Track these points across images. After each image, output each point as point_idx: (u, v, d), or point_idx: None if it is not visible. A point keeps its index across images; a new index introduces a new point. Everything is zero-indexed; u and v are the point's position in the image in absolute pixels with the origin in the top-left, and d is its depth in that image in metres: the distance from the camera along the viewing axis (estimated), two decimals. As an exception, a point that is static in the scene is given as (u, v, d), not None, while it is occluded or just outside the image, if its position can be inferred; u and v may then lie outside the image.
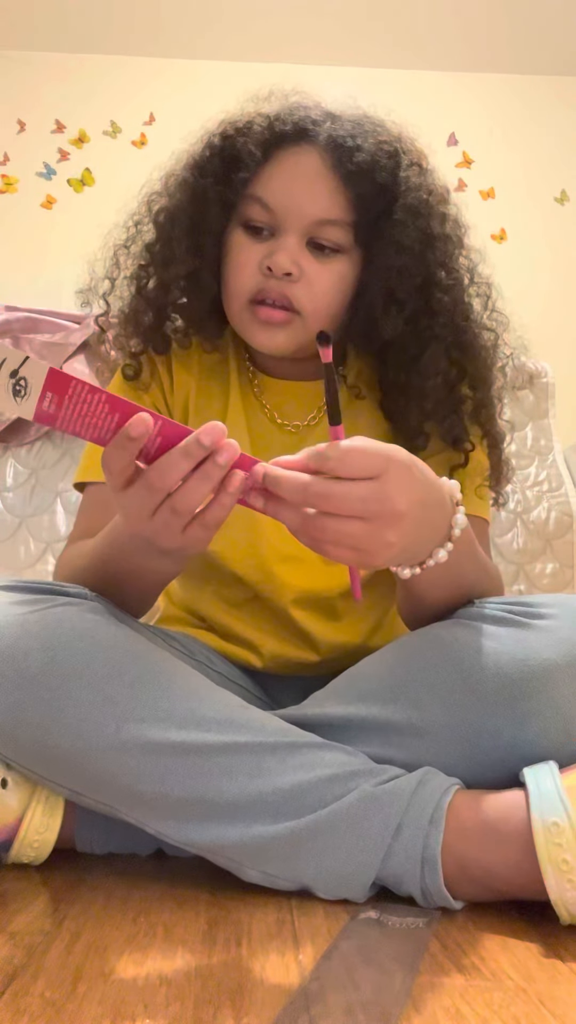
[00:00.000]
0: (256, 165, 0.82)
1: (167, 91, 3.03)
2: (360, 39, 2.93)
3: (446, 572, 0.69)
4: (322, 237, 0.81)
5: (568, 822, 0.58)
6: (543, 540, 1.63)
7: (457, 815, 0.62)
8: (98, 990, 0.49)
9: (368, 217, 0.82)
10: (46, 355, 1.71)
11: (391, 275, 0.82)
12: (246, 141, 0.82)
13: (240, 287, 0.83)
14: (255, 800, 0.63)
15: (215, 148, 0.85)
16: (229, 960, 0.53)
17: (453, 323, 0.84)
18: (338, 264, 0.83)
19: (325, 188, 0.81)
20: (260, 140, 0.82)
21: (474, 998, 0.49)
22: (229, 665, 0.93)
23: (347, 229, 0.82)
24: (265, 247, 0.82)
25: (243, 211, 0.83)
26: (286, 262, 0.80)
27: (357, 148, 0.81)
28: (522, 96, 3.12)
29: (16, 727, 0.65)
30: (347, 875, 0.63)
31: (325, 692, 0.77)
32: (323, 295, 0.82)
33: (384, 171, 0.81)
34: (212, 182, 0.84)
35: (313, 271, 0.81)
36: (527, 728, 0.65)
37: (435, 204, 0.84)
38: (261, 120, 0.83)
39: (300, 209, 0.81)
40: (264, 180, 0.82)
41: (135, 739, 0.64)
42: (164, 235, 0.87)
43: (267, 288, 0.81)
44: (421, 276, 0.83)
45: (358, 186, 0.81)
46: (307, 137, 0.82)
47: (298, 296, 0.81)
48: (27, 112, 3.07)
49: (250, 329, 0.84)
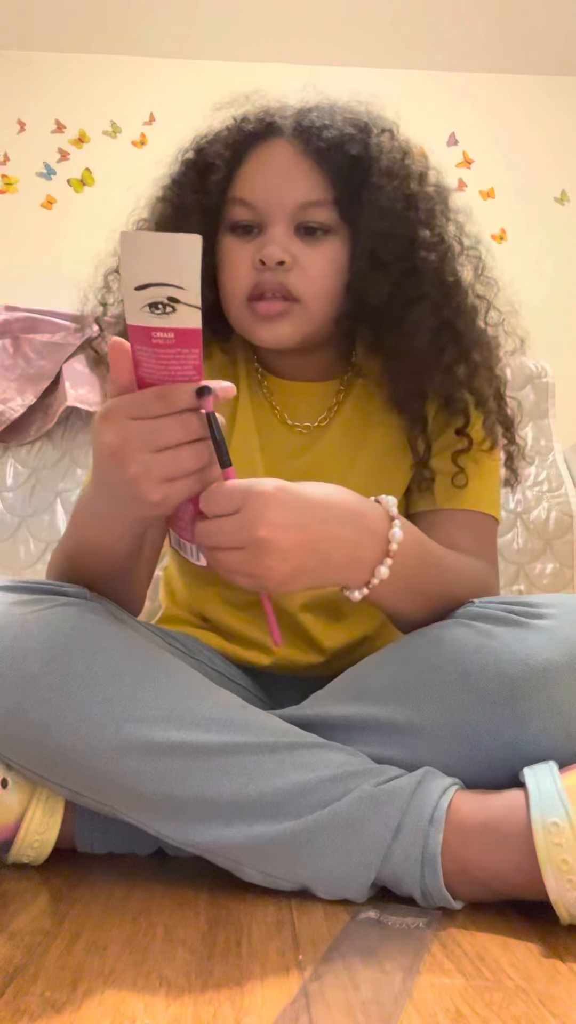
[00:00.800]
0: (230, 168, 0.83)
1: (167, 91, 3.03)
2: (360, 39, 2.93)
3: (404, 585, 0.70)
4: (308, 220, 0.82)
5: (568, 822, 0.58)
6: (543, 540, 1.63)
7: (457, 815, 0.62)
8: (98, 990, 0.49)
9: (348, 191, 0.82)
10: (46, 355, 1.71)
11: (375, 240, 0.82)
12: (217, 147, 0.84)
13: (236, 287, 0.83)
14: (255, 800, 0.63)
15: (189, 162, 0.86)
16: (229, 960, 0.53)
17: (441, 281, 0.84)
18: (329, 245, 0.83)
19: (301, 171, 0.82)
20: (230, 143, 0.84)
21: (474, 998, 0.49)
22: (230, 665, 0.93)
23: (331, 208, 0.82)
24: (255, 244, 0.82)
25: (228, 215, 0.84)
26: (277, 251, 0.80)
27: (324, 127, 0.81)
28: (522, 96, 3.12)
29: (16, 727, 0.65)
30: (347, 875, 0.63)
31: (325, 692, 0.77)
32: (319, 279, 0.82)
33: (355, 142, 0.82)
34: (191, 194, 0.85)
35: (305, 256, 0.82)
36: (527, 728, 0.65)
37: (411, 165, 0.84)
38: (228, 125, 0.85)
39: (281, 198, 0.81)
40: (242, 180, 0.83)
41: (135, 739, 0.64)
42: None
43: (263, 282, 0.82)
44: (405, 237, 0.82)
45: (332, 162, 0.81)
46: (274, 130, 0.83)
47: (294, 283, 0.81)
48: (27, 112, 3.07)
49: (252, 326, 0.84)
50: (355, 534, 0.67)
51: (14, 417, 1.68)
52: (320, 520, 0.64)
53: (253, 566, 0.62)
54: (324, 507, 0.65)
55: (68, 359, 1.70)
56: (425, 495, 0.88)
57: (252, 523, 0.61)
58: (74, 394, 1.66)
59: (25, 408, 1.68)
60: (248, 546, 0.61)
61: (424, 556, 0.73)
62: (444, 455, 0.88)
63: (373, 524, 0.67)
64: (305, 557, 0.64)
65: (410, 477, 0.90)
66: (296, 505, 0.63)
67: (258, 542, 0.61)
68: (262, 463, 0.89)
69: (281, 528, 0.62)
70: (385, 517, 0.69)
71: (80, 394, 1.67)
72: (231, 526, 0.61)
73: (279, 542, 0.62)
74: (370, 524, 0.67)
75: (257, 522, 0.61)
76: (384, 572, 0.68)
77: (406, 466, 0.89)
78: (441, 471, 0.88)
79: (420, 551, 0.72)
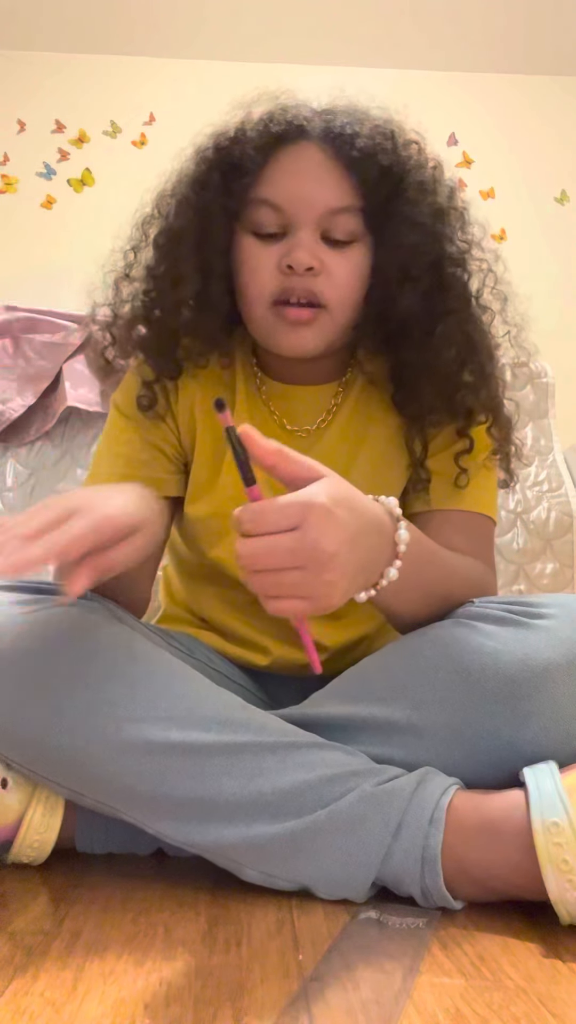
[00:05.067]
0: (257, 169, 0.82)
1: (167, 91, 3.03)
2: (361, 39, 2.93)
3: (406, 586, 0.69)
4: (335, 227, 0.81)
5: (568, 822, 0.58)
6: (543, 540, 1.63)
7: (457, 815, 0.62)
8: (98, 990, 0.49)
9: (376, 201, 0.81)
10: (46, 355, 1.71)
11: (405, 253, 0.81)
12: (243, 147, 0.82)
13: (260, 291, 0.82)
14: (255, 800, 0.63)
15: (211, 161, 0.84)
16: (229, 960, 0.53)
17: (465, 296, 0.84)
18: (354, 252, 0.82)
19: (331, 178, 0.81)
20: (257, 144, 0.82)
21: (474, 998, 0.49)
22: (229, 665, 0.93)
23: (358, 216, 0.81)
24: (280, 248, 0.81)
25: (250, 217, 0.82)
26: (306, 257, 0.79)
27: (355, 135, 0.81)
28: (522, 96, 3.12)
29: (16, 727, 0.65)
30: (347, 875, 0.63)
31: (325, 692, 0.77)
32: (345, 285, 0.82)
33: (386, 153, 0.81)
34: (214, 195, 0.83)
35: (333, 263, 0.81)
36: (527, 728, 0.65)
37: (440, 178, 0.84)
38: (254, 124, 0.83)
39: (310, 203, 0.80)
40: (268, 182, 0.81)
41: (135, 739, 0.64)
42: (167, 256, 0.86)
43: (290, 287, 0.80)
44: (434, 252, 0.83)
45: (363, 171, 0.80)
46: (304, 133, 0.82)
47: (322, 289, 0.81)
48: (27, 112, 3.07)
49: (277, 332, 0.83)
50: (378, 539, 0.65)
51: (14, 417, 1.68)
52: (361, 529, 0.62)
53: (313, 586, 0.58)
54: (361, 514, 0.62)
55: (68, 359, 1.70)
56: (421, 495, 0.88)
57: (318, 538, 0.56)
58: (74, 394, 1.66)
59: (25, 408, 1.68)
60: (311, 563, 0.57)
61: (425, 556, 0.73)
62: (441, 455, 0.87)
63: (384, 526, 0.66)
64: (355, 566, 0.61)
65: (407, 477, 0.90)
66: (349, 512, 0.60)
67: (325, 557, 0.57)
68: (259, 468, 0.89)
69: (346, 540, 0.58)
70: (390, 518, 0.68)
71: (80, 394, 1.67)
72: (291, 544, 0.56)
73: (343, 556, 0.58)
74: (382, 526, 0.66)
75: (323, 537, 0.57)
76: (393, 574, 0.67)
77: (403, 466, 0.89)
78: (438, 471, 0.87)
79: (421, 551, 0.72)
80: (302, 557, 0.57)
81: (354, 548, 0.60)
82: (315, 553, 0.56)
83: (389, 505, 0.68)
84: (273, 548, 0.56)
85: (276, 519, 0.57)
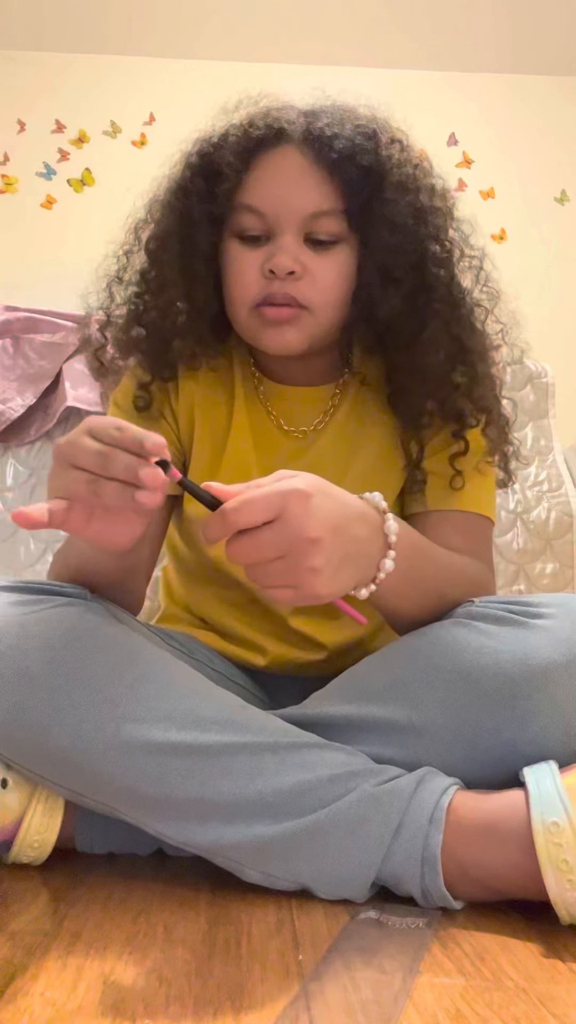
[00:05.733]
0: (238, 175, 0.82)
1: (167, 91, 3.03)
2: (360, 39, 2.93)
3: (403, 581, 0.70)
4: (318, 230, 0.81)
5: (568, 822, 0.58)
6: (543, 540, 1.63)
7: (457, 815, 0.62)
8: (98, 990, 0.49)
9: (358, 202, 0.82)
10: (46, 355, 1.71)
11: (386, 254, 0.81)
12: (224, 153, 0.83)
13: (244, 295, 0.83)
14: (255, 800, 0.63)
15: (195, 167, 0.85)
16: (229, 960, 0.53)
17: (450, 296, 0.84)
18: (338, 254, 0.82)
19: (312, 181, 0.81)
20: (238, 149, 0.82)
21: (474, 998, 0.49)
22: (229, 664, 0.93)
23: (340, 217, 0.82)
24: (263, 252, 0.82)
25: (234, 222, 0.83)
26: (287, 261, 0.80)
27: (335, 136, 0.81)
28: (522, 96, 3.12)
29: (16, 728, 0.65)
30: (347, 875, 0.63)
31: (325, 692, 0.77)
32: (328, 288, 0.82)
33: (366, 153, 0.81)
34: (197, 200, 0.84)
35: (315, 265, 0.81)
36: (527, 727, 0.65)
37: (421, 177, 0.84)
38: (235, 130, 0.83)
39: (291, 207, 0.81)
40: (250, 187, 0.82)
41: (135, 739, 0.64)
42: (156, 261, 0.87)
43: (272, 291, 0.81)
44: (416, 252, 0.82)
45: (343, 173, 0.81)
46: (284, 136, 0.82)
47: (304, 292, 0.81)
48: (27, 112, 3.07)
49: (259, 332, 0.83)
50: (367, 530, 0.66)
51: (14, 417, 1.68)
52: (346, 517, 0.63)
53: (297, 574, 0.59)
54: (343, 503, 0.64)
55: (68, 359, 1.70)
56: (417, 496, 0.88)
57: (299, 527, 0.58)
58: (74, 394, 1.66)
59: (25, 408, 1.68)
60: (291, 552, 0.58)
61: (419, 552, 0.73)
62: (437, 457, 0.87)
63: (369, 517, 0.67)
64: (342, 557, 0.62)
65: (404, 479, 0.90)
66: (330, 502, 0.61)
67: (304, 545, 0.58)
68: (257, 467, 0.89)
69: (325, 527, 0.59)
70: (377, 512, 0.68)
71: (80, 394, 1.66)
72: (272, 536, 0.58)
73: (325, 542, 0.59)
74: (367, 516, 0.66)
75: (304, 525, 0.58)
76: (389, 565, 0.67)
77: (400, 468, 0.89)
78: (434, 472, 0.87)
79: (415, 546, 0.72)
80: (285, 545, 0.58)
81: (337, 535, 0.61)
82: (297, 540, 0.58)
83: (374, 500, 0.68)
84: (257, 539, 0.58)
85: (258, 511, 0.58)
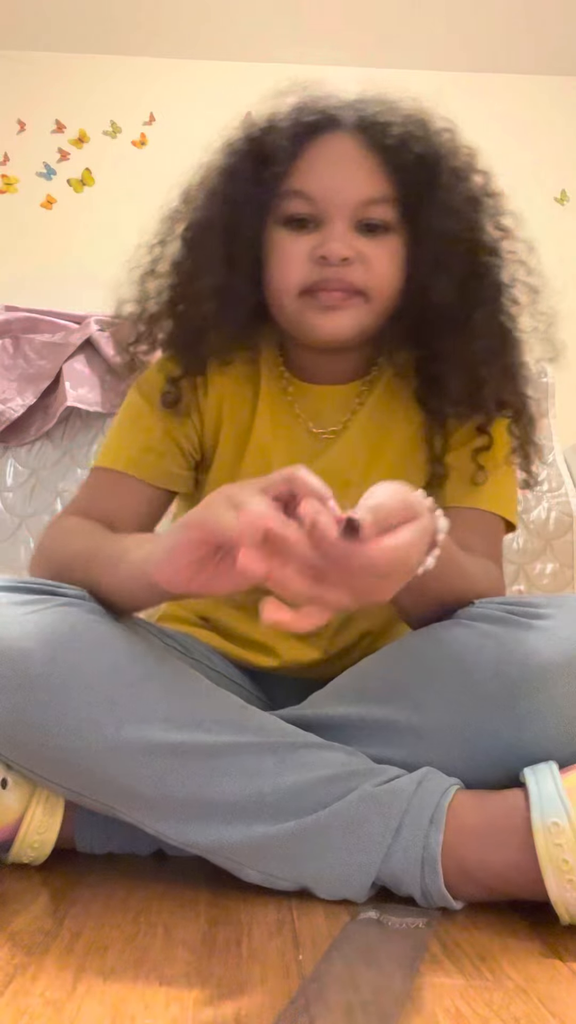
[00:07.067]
0: (289, 160, 0.80)
1: (167, 91, 3.03)
2: (360, 39, 2.93)
3: (433, 579, 0.66)
4: (370, 217, 0.80)
5: (568, 822, 0.58)
6: (543, 540, 1.63)
7: (457, 815, 0.62)
8: (98, 990, 0.49)
9: (411, 189, 0.81)
10: (46, 355, 1.71)
11: (440, 241, 0.81)
12: (275, 138, 0.81)
13: (291, 281, 0.81)
14: (255, 800, 0.63)
15: (242, 152, 0.83)
16: (229, 960, 0.53)
17: (499, 285, 0.84)
18: (390, 242, 0.82)
19: (366, 168, 0.80)
20: (290, 134, 0.81)
21: (474, 998, 0.49)
22: (229, 665, 0.93)
23: (392, 205, 0.81)
24: (312, 238, 0.80)
25: (282, 208, 0.81)
26: (342, 247, 0.78)
27: (389, 123, 0.80)
28: (522, 96, 3.12)
29: (16, 728, 0.65)
30: (347, 875, 0.63)
31: (325, 692, 0.77)
32: (383, 274, 0.81)
33: (419, 140, 0.81)
34: (244, 185, 0.82)
35: (369, 252, 0.80)
36: (527, 728, 0.65)
37: (473, 166, 0.84)
38: (286, 114, 0.82)
39: (344, 193, 0.79)
40: (301, 172, 0.80)
41: (135, 740, 0.64)
42: (195, 248, 0.84)
43: (324, 278, 0.80)
44: (470, 240, 0.82)
45: (397, 160, 0.80)
46: (336, 123, 0.81)
47: (360, 278, 0.80)
48: (27, 112, 3.07)
49: (309, 317, 0.82)
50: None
51: (14, 417, 1.68)
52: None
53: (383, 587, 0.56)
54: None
55: (68, 359, 1.70)
56: (437, 492, 0.87)
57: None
58: (74, 394, 1.66)
59: (25, 408, 1.68)
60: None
61: (450, 550, 0.70)
62: (460, 451, 0.87)
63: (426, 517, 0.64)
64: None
65: (426, 474, 0.88)
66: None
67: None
68: (278, 465, 0.88)
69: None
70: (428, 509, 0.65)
71: (80, 394, 1.67)
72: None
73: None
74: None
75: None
76: (431, 563, 0.64)
77: (423, 464, 0.88)
78: (456, 467, 0.86)
79: (448, 546, 0.71)
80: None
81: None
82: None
83: (424, 497, 0.65)
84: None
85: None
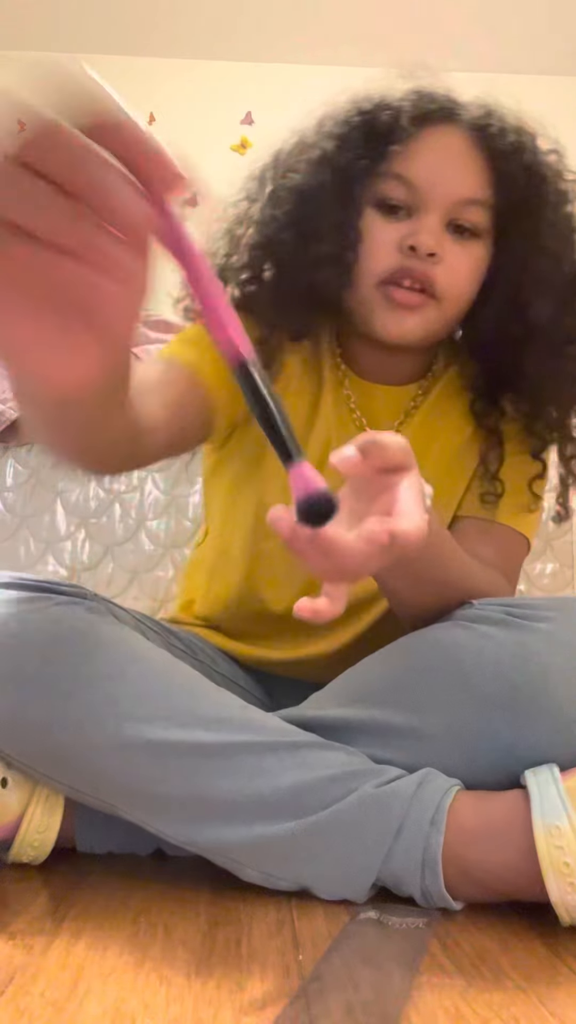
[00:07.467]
0: (400, 141, 0.79)
1: (167, 91, 3.03)
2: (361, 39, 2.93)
3: (421, 560, 0.67)
4: (464, 218, 0.79)
5: (569, 825, 0.58)
6: (543, 540, 1.63)
7: (458, 817, 0.62)
8: (98, 990, 0.49)
9: (509, 200, 0.80)
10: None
11: (545, 258, 0.80)
12: (392, 116, 0.80)
13: (374, 267, 0.80)
14: (255, 800, 0.63)
15: (354, 124, 0.82)
16: (229, 960, 0.53)
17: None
18: (476, 248, 0.81)
19: (472, 167, 0.79)
20: (407, 116, 0.80)
21: (474, 998, 0.49)
22: (233, 666, 0.93)
23: (488, 211, 0.80)
24: (403, 226, 0.79)
25: (379, 189, 0.80)
26: (431, 241, 0.77)
27: (503, 130, 0.80)
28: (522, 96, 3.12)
29: (16, 726, 0.65)
30: (347, 876, 0.63)
31: (324, 693, 0.77)
32: (463, 280, 0.80)
33: (529, 153, 0.81)
34: (353, 156, 0.80)
35: (454, 253, 0.79)
36: (527, 731, 0.65)
37: (573, 193, 0.84)
38: (404, 96, 0.81)
39: (446, 188, 0.79)
40: (407, 158, 0.79)
41: (136, 738, 0.64)
42: (290, 212, 0.82)
43: (408, 268, 0.79)
44: (569, 260, 0.81)
45: (504, 167, 0.79)
46: (454, 116, 0.81)
47: (440, 278, 0.79)
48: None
49: (379, 312, 0.81)
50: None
51: (14, 417, 1.67)
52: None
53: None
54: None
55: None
56: (469, 500, 0.87)
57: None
58: (74, 394, 1.65)
59: (25, 408, 1.68)
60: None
61: (440, 540, 0.71)
62: (510, 460, 0.88)
63: None
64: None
65: (465, 487, 0.89)
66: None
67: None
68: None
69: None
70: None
71: (80, 394, 1.66)
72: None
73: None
74: None
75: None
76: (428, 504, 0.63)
77: (466, 476, 0.89)
78: (507, 485, 0.88)
79: (439, 534, 0.70)
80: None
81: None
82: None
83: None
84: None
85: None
